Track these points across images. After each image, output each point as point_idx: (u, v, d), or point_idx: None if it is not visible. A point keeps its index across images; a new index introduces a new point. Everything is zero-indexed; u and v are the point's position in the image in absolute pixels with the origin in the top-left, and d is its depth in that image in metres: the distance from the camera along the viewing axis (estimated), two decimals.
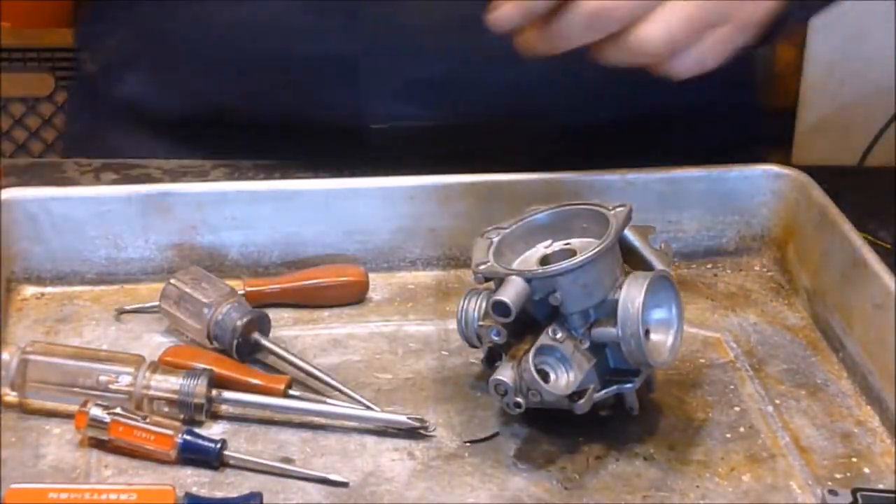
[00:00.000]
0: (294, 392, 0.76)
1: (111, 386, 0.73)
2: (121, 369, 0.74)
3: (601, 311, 0.71)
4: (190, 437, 0.70)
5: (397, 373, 0.79)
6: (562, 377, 0.69)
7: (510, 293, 0.69)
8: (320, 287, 0.86)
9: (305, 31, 0.96)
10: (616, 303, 0.69)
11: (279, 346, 0.79)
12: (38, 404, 0.75)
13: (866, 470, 0.72)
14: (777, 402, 0.77)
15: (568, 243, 0.75)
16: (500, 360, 0.71)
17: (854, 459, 0.73)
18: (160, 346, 0.80)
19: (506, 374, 0.69)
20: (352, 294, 0.87)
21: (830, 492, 0.68)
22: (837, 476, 0.71)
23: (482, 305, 0.75)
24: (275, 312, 0.83)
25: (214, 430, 0.74)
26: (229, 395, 0.74)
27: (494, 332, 0.71)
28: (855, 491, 0.67)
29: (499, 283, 0.71)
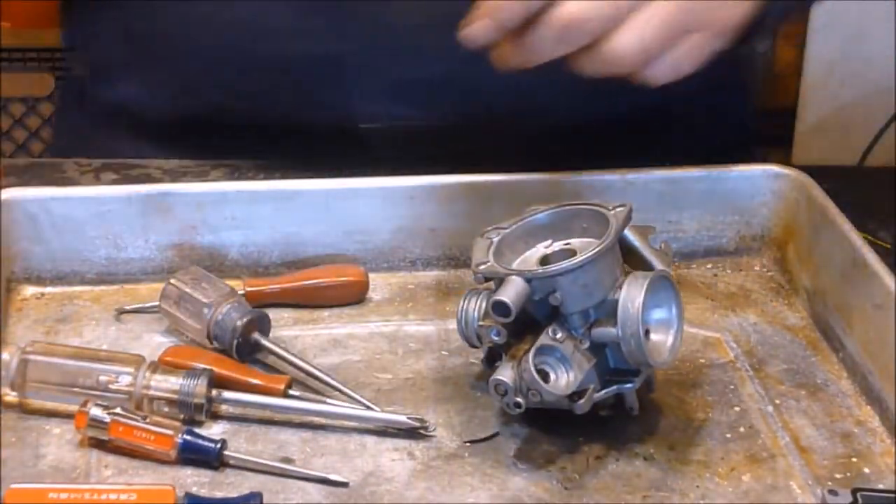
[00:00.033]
0: (294, 392, 0.76)
1: (111, 386, 0.73)
2: (121, 369, 0.74)
3: (601, 311, 0.71)
4: (190, 437, 0.70)
5: (397, 373, 0.79)
6: (562, 377, 0.69)
7: (510, 293, 0.69)
8: (320, 287, 0.86)
9: (295, 31, 0.96)
10: (616, 303, 0.69)
11: (279, 346, 0.79)
12: (38, 404, 0.75)
13: (866, 470, 0.72)
14: (777, 402, 0.77)
15: (568, 243, 0.75)
16: (500, 360, 0.71)
17: (854, 459, 0.73)
18: (160, 346, 0.80)
19: (506, 374, 0.69)
20: (352, 294, 0.87)
21: (830, 492, 0.68)
22: (837, 476, 0.71)
23: (482, 305, 0.75)
24: (275, 312, 0.83)
25: (214, 430, 0.74)
26: (229, 395, 0.74)
27: (494, 332, 0.71)
28: (855, 491, 0.67)
29: (499, 283, 0.71)
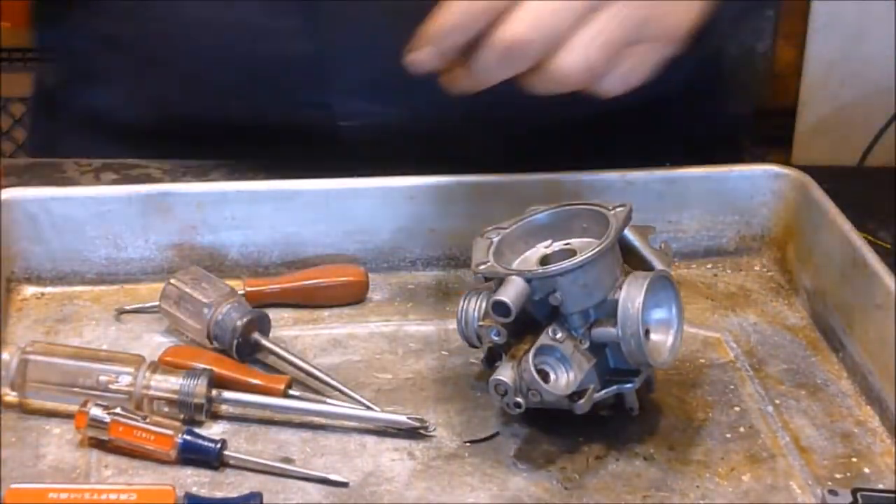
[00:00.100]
0: (294, 392, 0.76)
1: (111, 386, 0.73)
2: (121, 369, 0.74)
3: (601, 311, 0.71)
4: (190, 437, 0.70)
5: (397, 373, 0.79)
6: (562, 377, 0.69)
7: (510, 293, 0.69)
8: (320, 287, 0.86)
9: (272, 30, 0.95)
10: (616, 303, 0.69)
11: (279, 346, 0.79)
12: (38, 404, 0.75)
13: (866, 470, 0.72)
14: (777, 402, 0.77)
15: (568, 243, 0.75)
16: (500, 360, 0.71)
17: (854, 459, 0.73)
18: (160, 346, 0.80)
19: (506, 374, 0.69)
20: (352, 294, 0.87)
21: (830, 492, 0.68)
22: (837, 476, 0.71)
23: (482, 305, 0.75)
24: (275, 312, 0.83)
25: (214, 430, 0.74)
26: (229, 395, 0.74)
27: (494, 332, 0.71)
28: (855, 491, 0.67)
29: (499, 283, 0.70)
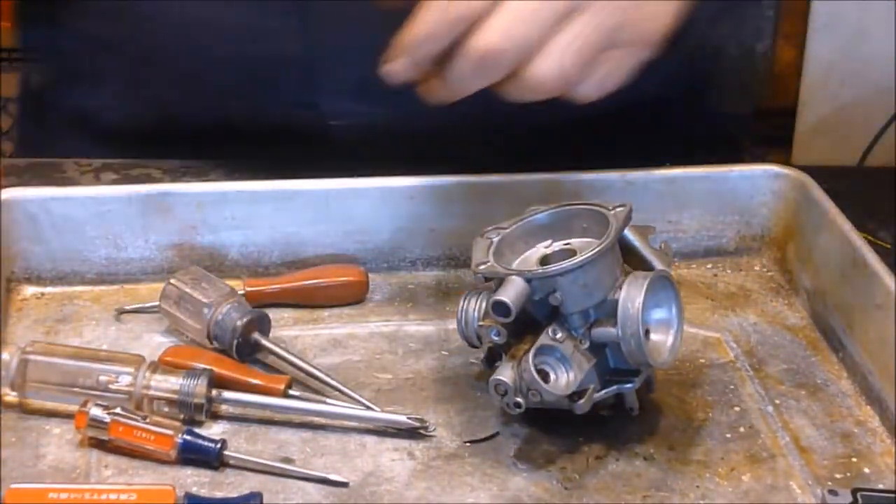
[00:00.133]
0: (294, 392, 0.76)
1: (111, 386, 0.73)
2: (121, 369, 0.74)
3: (601, 311, 0.71)
4: (190, 437, 0.70)
5: (397, 373, 0.79)
6: (562, 377, 0.69)
7: (510, 293, 0.69)
8: (320, 287, 0.86)
9: (261, 30, 0.95)
10: (616, 303, 0.69)
11: (279, 346, 0.79)
12: (38, 404, 0.75)
13: (866, 470, 0.72)
14: (777, 402, 0.77)
15: (568, 243, 0.75)
16: (500, 360, 0.71)
17: (854, 459, 0.73)
18: (160, 346, 0.80)
19: (506, 374, 0.69)
20: (352, 294, 0.87)
21: (830, 492, 0.68)
22: (837, 476, 0.71)
23: (482, 305, 0.75)
24: (275, 312, 0.83)
25: (214, 430, 0.74)
26: (229, 395, 0.74)
27: (494, 332, 0.71)
28: (855, 491, 0.67)
29: (499, 283, 0.70)
